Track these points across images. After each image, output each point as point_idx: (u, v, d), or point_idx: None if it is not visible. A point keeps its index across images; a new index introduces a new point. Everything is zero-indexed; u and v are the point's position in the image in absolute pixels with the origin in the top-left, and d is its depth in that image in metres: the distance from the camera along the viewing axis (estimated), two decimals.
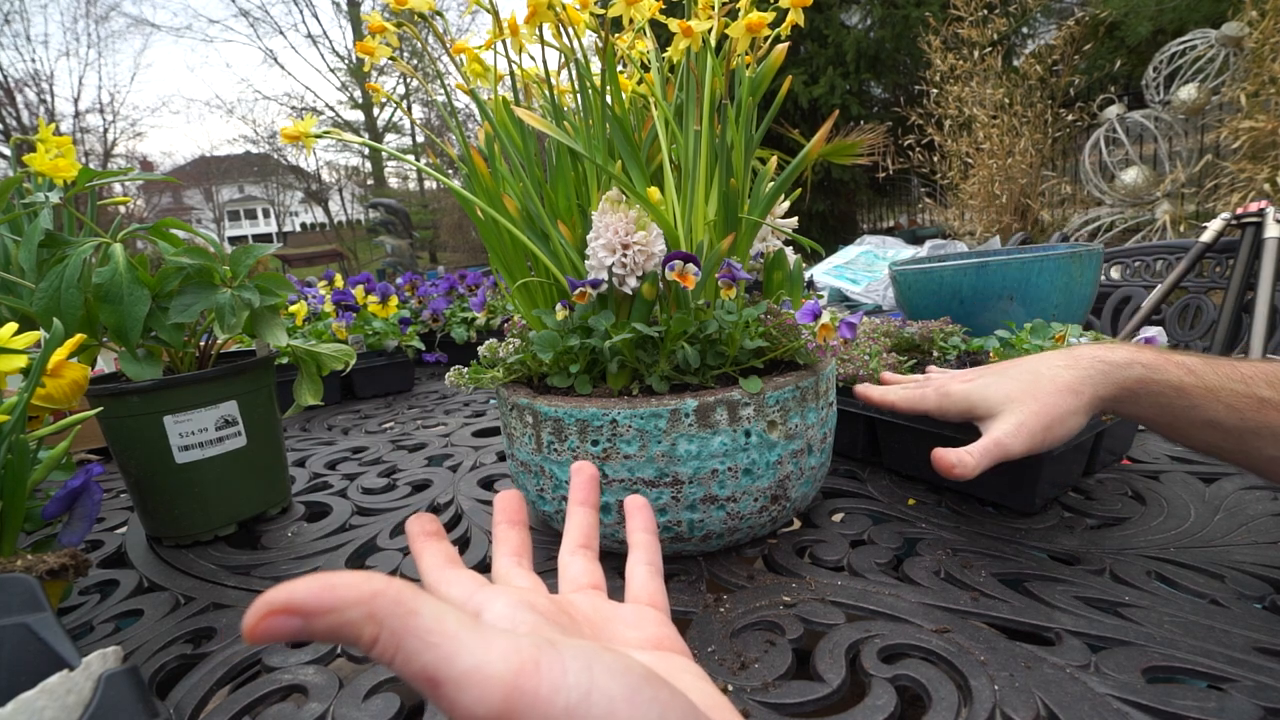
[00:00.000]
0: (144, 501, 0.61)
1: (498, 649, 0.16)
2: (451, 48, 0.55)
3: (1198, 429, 0.41)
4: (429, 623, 0.16)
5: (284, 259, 13.81)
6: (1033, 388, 0.44)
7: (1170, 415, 0.42)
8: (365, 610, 0.16)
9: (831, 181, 6.10)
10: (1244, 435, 0.40)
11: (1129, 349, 0.44)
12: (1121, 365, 0.43)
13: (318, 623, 0.16)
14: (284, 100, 17.92)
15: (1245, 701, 0.32)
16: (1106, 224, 3.90)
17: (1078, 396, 0.43)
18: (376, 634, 0.16)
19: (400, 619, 0.16)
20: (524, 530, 0.31)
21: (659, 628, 0.26)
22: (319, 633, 0.16)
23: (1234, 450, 0.41)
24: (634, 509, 0.32)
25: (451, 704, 0.16)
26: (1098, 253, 0.87)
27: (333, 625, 0.16)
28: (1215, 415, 0.40)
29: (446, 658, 0.16)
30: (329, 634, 0.16)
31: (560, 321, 0.49)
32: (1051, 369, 0.45)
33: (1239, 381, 0.40)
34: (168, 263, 0.57)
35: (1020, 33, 5.14)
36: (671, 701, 0.18)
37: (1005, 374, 0.47)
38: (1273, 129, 3.13)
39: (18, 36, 13.54)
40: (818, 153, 0.54)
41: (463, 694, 0.16)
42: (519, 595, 0.23)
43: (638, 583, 0.29)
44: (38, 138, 0.60)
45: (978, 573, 0.45)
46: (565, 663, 0.17)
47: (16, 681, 0.28)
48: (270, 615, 0.15)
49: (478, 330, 1.37)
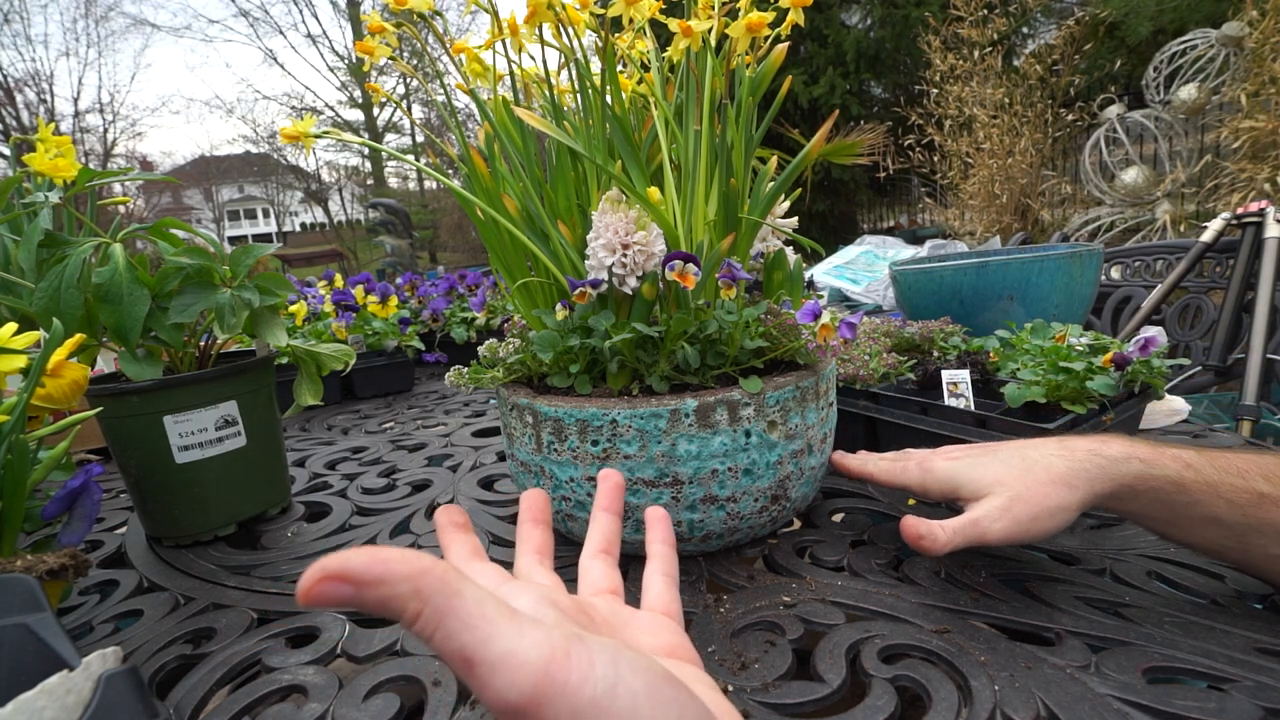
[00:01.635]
0: (144, 501, 0.61)
1: (531, 637, 0.17)
2: (451, 48, 0.55)
3: (1199, 526, 0.39)
4: (470, 605, 0.17)
5: (284, 259, 13.81)
6: (1024, 474, 0.41)
7: (1170, 512, 0.39)
8: (412, 586, 0.17)
9: (831, 181, 6.09)
10: (1245, 532, 0.38)
11: (1123, 442, 0.41)
12: (1119, 460, 0.40)
13: (368, 592, 0.17)
14: (284, 100, 17.93)
15: (1245, 701, 0.32)
16: (1106, 224, 3.90)
17: (1072, 491, 0.40)
18: (420, 610, 0.17)
19: (444, 598, 0.17)
20: (547, 530, 0.31)
21: (674, 636, 0.27)
22: (368, 602, 0.17)
23: (1235, 549, 0.39)
24: (654, 520, 0.33)
25: (484, 685, 0.17)
26: (1098, 253, 0.87)
27: (382, 597, 0.17)
28: (1216, 511, 0.38)
29: (483, 640, 0.17)
30: (377, 604, 0.17)
31: (560, 321, 0.49)
32: (1045, 457, 0.41)
33: (1236, 475, 0.38)
34: (168, 263, 0.57)
35: (1020, 33, 5.13)
36: (689, 703, 0.18)
37: (995, 455, 0.44)
38: (1273, 129, 3.13)
39: (17, 36, 13.55)
40: (818, 153, 0.54)
41: (496, 677, 0.17)
42: (542, 591, 0.24)
43: (654, 591, 0.29)
44: (37, 137, 0.60)
45: (978, 573, 0.45)
46: (593, 655, 0.18)
47: (16, 681, 0.28)
48: (325, 580, 0.16)
49: (478, 330, 1.37)
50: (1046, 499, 0.40)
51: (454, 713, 0.36)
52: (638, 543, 0.48)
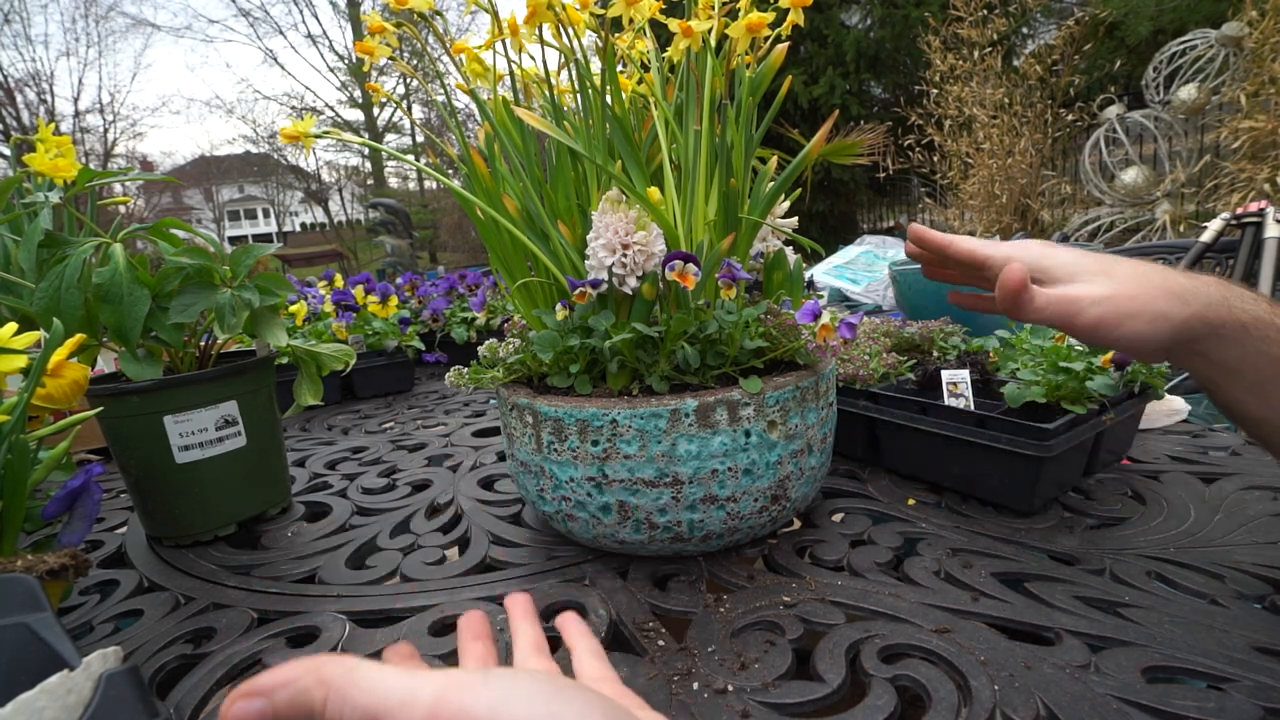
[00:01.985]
0: (144, 501, 0.61)
1: (431, 681, 0.19)
2: (451, 48, 0.55)
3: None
4: (368, 673, 0.20)
5: (284, 259, 13.81)
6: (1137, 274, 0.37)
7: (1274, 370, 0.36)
8: (315, 677, 0.19)
9: (831, 181, 6.09)
10: None
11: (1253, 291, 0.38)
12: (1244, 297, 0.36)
13: (280, 695, 0.19)
14: (284, 100, 17.92)
15: (1245, 701, 0.32)
16: (1106, 224, 3.90)
17: (1183, 305, 0.36)
18: (325, 694, 0.19)
19: (344, 675, 0.19)
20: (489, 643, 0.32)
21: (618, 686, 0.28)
22: (282, 706, 0.19)
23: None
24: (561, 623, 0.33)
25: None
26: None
27: (291, 696, 0.19)
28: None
29: (382, 695, 0.19)
30: (289, 705, 0.19)
31: (560, 321, 0.49)
32: (1163, 271, 0.38)
33: None
34: (168, 263, 0.57)
35: (1020, 33, 5.14)
36: (595, 699, 0.19)
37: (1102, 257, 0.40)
38: (1273, 129, 3.13)
39: (17, 36, 13.54)
40: (818, 153, 0.54)
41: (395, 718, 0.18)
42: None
43: (589, 670, 0.30)
44: (38, 138, 0.60)
45: (978, 573, 0.45)
46: (489, 676, 0.19)
47: (17, 681, 0.28)
48: (239, 698, 0.20)
49: (478, 330, 1.37)
50: (1153, 301, 0.36)
51: None
52: (638, 542, 0.48)
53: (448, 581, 0.50)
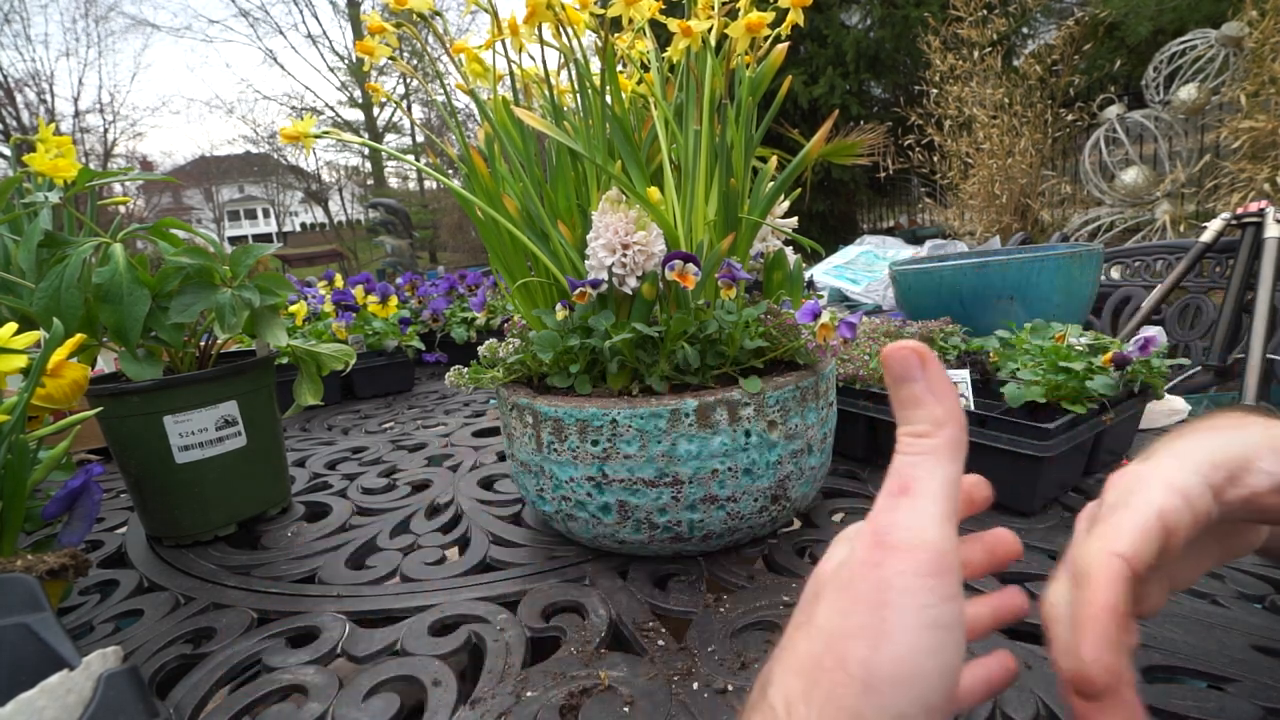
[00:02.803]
0: (144, 501, 0.61)
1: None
2: (451, 48, 0.55)
3: None
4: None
5: (284, 259, 13.81)
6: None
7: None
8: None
9: (831, 181, 6.09)
10: None
11: None
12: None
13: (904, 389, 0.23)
14: (284, 100, 17.92)
15: (1245, 701, 0.32)
16: (1106, 224, 3.90)
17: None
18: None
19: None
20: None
21: None
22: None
23: None
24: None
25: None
26: (1098, 253, 0.87)
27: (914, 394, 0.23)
28: None
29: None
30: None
31: (560, 321, 0.49)
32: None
33: None
34: (168, 263, 0.57)
35: (1020, 33, 5.13)
36: None
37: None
38: (1273, 129, 3.13)
39: (18, 36, 13.54)
40: (818, 153, 0.54)
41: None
42: None
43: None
44: (38, 138, 0.60)
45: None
46: None
47: (17, 681, 0.28)
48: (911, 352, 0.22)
49: (478, 330, 1.37)
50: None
51: (454, 713, 0.36)
52: (638, 542, 0.48)
53: (448, 581, 0.50)
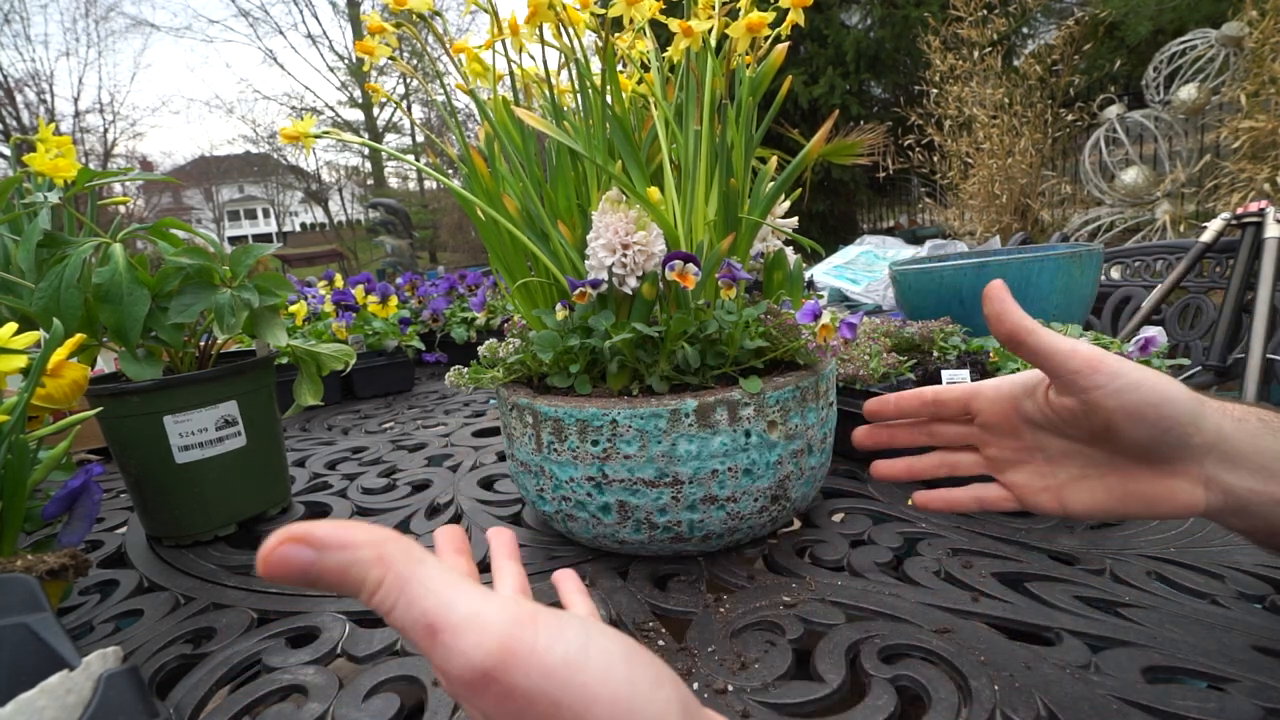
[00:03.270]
0: (144, 501, 0.61)
1: (496, 602, 0.17)
2: (451, 48, 0.55)
3: None
4: (433, 572, 0.17)
5: (284, 259, 13.81)
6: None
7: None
8: (376, 552, 0.17)
9: (831, 181, 6.09)
10: None
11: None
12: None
13: (330, 556, 0.17)
14: (284, 100, 17.93)
15: (1245, 701, 0.32)
16: (1106, 224, 3.90)
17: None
18: (382, 578, 0.17)
19: (407, 564, 0.17)
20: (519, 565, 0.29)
21: None
22: (329, 568, 0.17)
23: None
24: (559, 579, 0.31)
25: (448, 651, 0.16)
26: (1098, 253, 0.87)
27: (343, 562, 0.17)
28: None
29: (446, 604, 0.17)
30: (338, 571, 0.17)
31: (560, 321, 0.49)
32: None
33: None
34: (168, 263, 0.57)
35: (1020, 33, 5.13)
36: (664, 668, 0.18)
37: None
38: (1273, 129, 3.13)
39: (18, 36, 13.54)
40: (818, 153, 0.54)
41: (460, 639, 0.16)
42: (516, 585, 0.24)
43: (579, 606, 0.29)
44: (38, 138, 0.60)
45: (978, 573, 0.45)
46: (563, 621, 0.17)
47: (17, 681, 0.28)
48: (287, 542, 0.16)
49: (478, 330, 1.37)
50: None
51: (454, 713, 0.36)
52: (638, 543, 0.48)
53: None
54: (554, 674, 0.16)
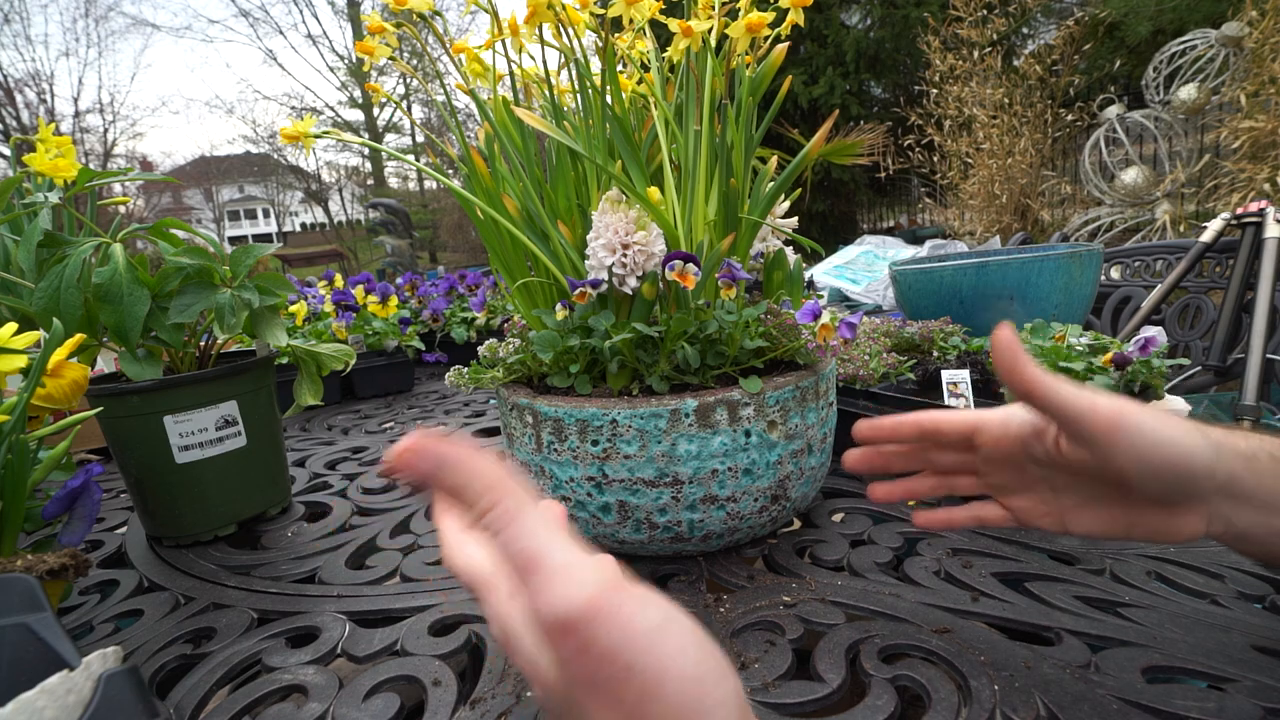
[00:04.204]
0: (144, 501, 0.61)
1: (592, 562, 0.19)
2: (451, 48, 0.55)
3: None
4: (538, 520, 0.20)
5: (284, 259, 13.80)
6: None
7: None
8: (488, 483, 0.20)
9: (831, 181, 6.09)
10: None
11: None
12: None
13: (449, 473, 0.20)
14: (284, 100, 17.94)
15: (1245, 701, 0.32)
16: (1106, 224, 3.90)
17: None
18: (492, 505, 0.20)
19: (518, 504, 0.20)
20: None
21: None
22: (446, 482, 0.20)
23: None
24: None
25: (540, 589, 0.18)
26: (1098, 253, 0.87)
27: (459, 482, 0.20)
28: None
29: (545, 549, 0.19)
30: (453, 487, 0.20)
31: (560, 321, 0.49)
32: None
33: None
34: (168, 263, 0.57)
35: (1020, 33, 5.13)
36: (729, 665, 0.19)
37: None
38: (1273, 129, 3.13)
39: (17, 36, 13.53)
40: (818, 153, 0.54)
41: (556, 582, 0.18)
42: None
43: None
44: (38, 138, 0.60)
45: (978, 572, 0.45)
46: (647, 596, 0.19)
47: (17, 681, 0.28)
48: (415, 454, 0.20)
49: (478, 330, 1.37)
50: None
51: (454, 713, 0.36)
52: (638, 542, 0.48)
53: (448, 581, 0.50)
54: (634, 640, 0.18)
